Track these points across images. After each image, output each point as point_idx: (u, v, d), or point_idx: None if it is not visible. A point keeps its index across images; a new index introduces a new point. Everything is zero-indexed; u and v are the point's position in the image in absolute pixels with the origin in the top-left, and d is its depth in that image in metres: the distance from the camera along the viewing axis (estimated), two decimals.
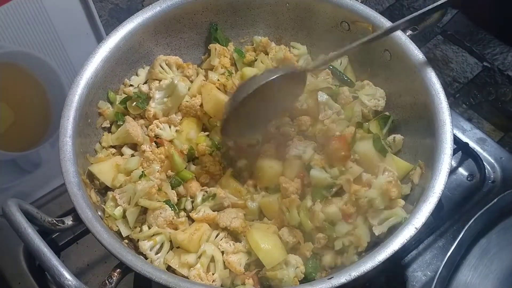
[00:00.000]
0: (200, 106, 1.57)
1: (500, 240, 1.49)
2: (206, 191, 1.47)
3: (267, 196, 1.46)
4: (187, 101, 1.56)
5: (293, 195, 1.40)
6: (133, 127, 1.53)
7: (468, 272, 1.45)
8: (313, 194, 1.41)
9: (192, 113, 1.57)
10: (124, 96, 1.59)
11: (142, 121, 1.58)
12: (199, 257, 1.34)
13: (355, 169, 1.45)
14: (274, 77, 1.35)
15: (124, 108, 1.58)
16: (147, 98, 1.58)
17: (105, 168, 1.47)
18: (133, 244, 1.40)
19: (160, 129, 1.53)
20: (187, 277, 1.31)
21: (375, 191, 1.36)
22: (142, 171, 1.44)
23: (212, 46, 1.69)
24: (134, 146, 1.55)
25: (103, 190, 1.48)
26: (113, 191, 1.43)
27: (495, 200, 1.48)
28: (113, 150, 1.55)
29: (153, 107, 1.55)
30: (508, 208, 1.51)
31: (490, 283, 1.44)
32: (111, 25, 1.97)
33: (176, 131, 1.54)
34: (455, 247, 1.41)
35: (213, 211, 1.44)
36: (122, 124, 1.54)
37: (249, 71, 1.61)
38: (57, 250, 1.62)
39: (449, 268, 1.41)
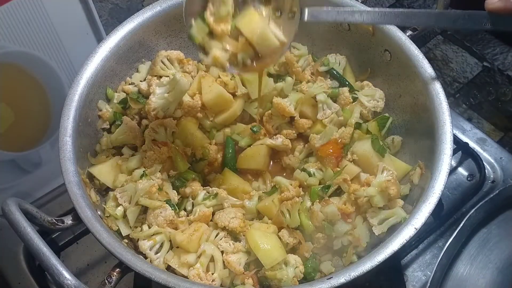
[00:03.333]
0: (201, 107, 1.57)
1: (501, 230, 1.50)
2: (208, 192, 1.47)
3: (263, 199, 1.46)
4: (189, 101, 1.56)
5: (296, 198, 1.40)
6: (130, 129, 1.52)
7: (468, 261, 1.46)
8: (311, 195, 1.42)
9: (192, 113, 1.57)
10: (123, 94, 1.59)
11: (146, 121, 1.57)
12: (199, 256, 1.34)
13: (353, 169, 1.45)
14: None
15: (122, 108, 1.58)
16: (147, 95, 1.58)
17: (105, 169, 1.47)
18: (133, 244, 1.40)
19: (155, 133, 1.52)
20: (186, 277, 1.31)
21: (374, 189, 1.36)
22: (144, 171, 1.44)
23: None
24: (134, 147, 1.55)
25: (104, 191, 1.48)
26: (114, 191, 1.43)
27: (497, 191, 1.49)
28: (113, 151, 1.55)
29: (154, 102, 1.54)
30: (510, 199, 1.51)
31: (489, 273, 1.45)
32: (111, 25, 1.97)
33: (173, 133, 1.54)
34: (456, 235, 1.41)
35: (214, 211, 1.44)
36: (120, 124, 1.54)
37: None
38: (57, 250, 1.62)
39: (449, 256, 1.42)
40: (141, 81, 1.63)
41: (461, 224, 1.43)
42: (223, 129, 1.61)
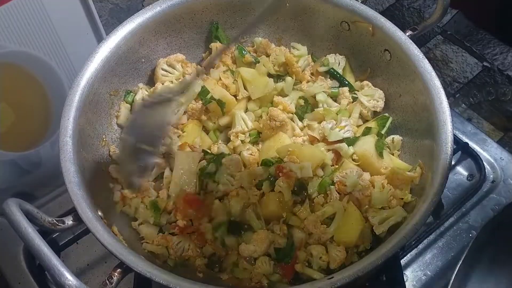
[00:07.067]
0: (205, 109, 1.57)
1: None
2: None
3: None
4: (193, 103, 1.56)
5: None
6: None
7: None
8: (319, 187, 1.43)
9: (196, 115, 1.57)
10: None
11: None
12: None
13: (351, 166, 1.45)
14: None
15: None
16: None
17: None
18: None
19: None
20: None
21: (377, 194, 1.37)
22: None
23: (213, 45, 1.69)
24: None
25: None
26: None
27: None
28: None
29: None
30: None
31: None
32: (111, 25, 1.97)
33: (179, 137, 1.54)
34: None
35: None
36: None
37: (245, 72, 1.60)
38: (57, 250, 1.62)
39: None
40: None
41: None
42: (225, 131, 1.61)
